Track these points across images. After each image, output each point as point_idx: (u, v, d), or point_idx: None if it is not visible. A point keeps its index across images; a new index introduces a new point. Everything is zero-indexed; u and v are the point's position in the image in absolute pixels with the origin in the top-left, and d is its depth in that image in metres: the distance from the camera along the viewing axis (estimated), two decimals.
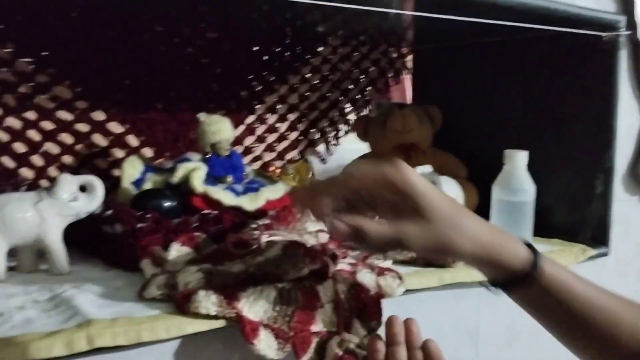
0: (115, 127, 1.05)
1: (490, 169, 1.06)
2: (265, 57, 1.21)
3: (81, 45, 1.01)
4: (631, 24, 1.03)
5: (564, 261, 0.99)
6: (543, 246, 1.04)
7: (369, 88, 1.37)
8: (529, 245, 0.60)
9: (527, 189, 1.02)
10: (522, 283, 0.59)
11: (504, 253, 0.58)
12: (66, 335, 0.55)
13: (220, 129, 0.96)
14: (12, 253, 0.75)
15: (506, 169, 1.03)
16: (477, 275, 0.87)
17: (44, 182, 0.99)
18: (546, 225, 1.11)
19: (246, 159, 1.21)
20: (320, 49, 1.28)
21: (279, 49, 1.23)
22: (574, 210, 1.10)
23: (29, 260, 0.76)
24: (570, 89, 1.08)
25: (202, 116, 0.97)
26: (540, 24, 0.99)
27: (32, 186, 0.97)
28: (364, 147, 1.30)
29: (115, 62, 1.05)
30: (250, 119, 1.21)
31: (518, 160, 1.02)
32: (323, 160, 1.33)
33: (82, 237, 0.84)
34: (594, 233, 1.08)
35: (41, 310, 0.63)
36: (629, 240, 1.14)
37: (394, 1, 0.89)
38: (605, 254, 1.07)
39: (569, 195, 1.10)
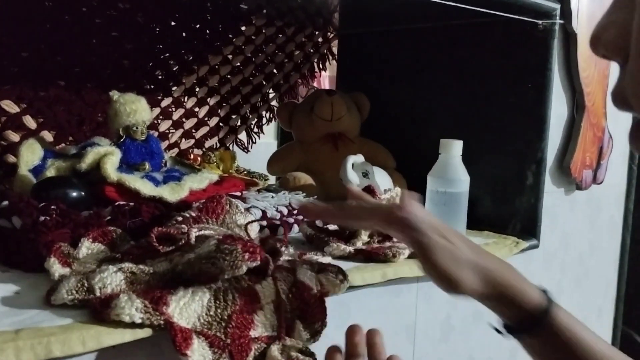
0: (10, 106, 0.91)
1: (420, 159, 1.02)
2: (184, 34, 1.11)
3: None
4: (565, 13, 1.03)
5: (499, 254, 0.97)
6: (476, 239, 1.02)
7: (294, 73, 1.29)
8: (544, 290, 0.59)
9: (462, 179, 0.99)
10: (534, 327, 0.57)
11: (518, 295, 0.57)
12: None
13: (136, 109, 0.85)
14: None
15: (441, 159, 1.00)
16: (417, 270, 0.83)
17: None
18: (476, 216, 1.09)
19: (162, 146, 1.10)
20: (243, 28, 1.19)
21: (199, 26, 1.13)
22: (505, 202, 1.09)
23: None
24: (503, 77, 1.06)
25: (114, 94, 0.86)
26: (476, 5, 0.95)
27: None
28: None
29: (11, 32, 0.90)
30: (166, 101, 1.10)
31: (454, 149, 0.99)
32: (245, 149, 1.25)
33: None
34: (524, 225, 1.07)
35: None
36: (555, 232, 1.15)
37: None
38: (535, 247, 1.06)
39: (500, 186, 1.08)
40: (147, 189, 0.80)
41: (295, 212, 0.96)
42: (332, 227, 0.90)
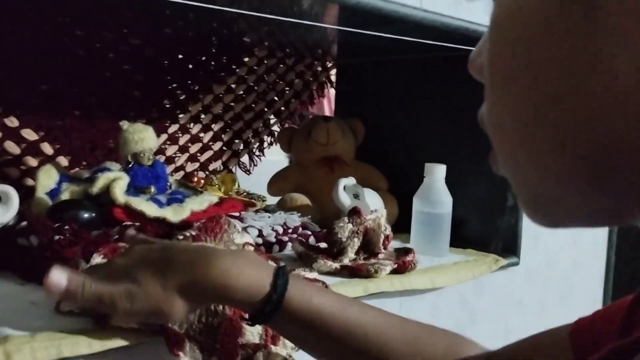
0: (29, 134, 1.01)
1: (411, 181, 1.10)
2: (190, 66, 1.20)
3: None
4: None
5: (479, 270, 1.04)
6: (458, 256, 1.09)
7: (294, 100, 1.38)
8: (278, 271, 0.58)
9: (445, 201, 1.06)
10: (269, 319, 0.57)
11: (239, 294, 0.56)
12: None
13: (143, 137, 0.94)
14: None
15: (426, 182, 1.07)
16: (399, 283, 0.91)
17: None
18: (461, 235, 1.16)
19: (168, 169, 1.18)
20: (246, 59, 1.28)
21: (204, 58, 1.22)
22: (487, 222, 1.15)
23: None
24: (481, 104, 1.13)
25: (124, 124, 0.95)
26: (459, 43, 1.03)
27: None
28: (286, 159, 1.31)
29: (31, 66, 1.00)
30: (173, 128, 1.19)
31: (437, 173, 1.06)
32: (247, 172, 1.33)
33: None
34: (505, 244, 1.14)
35: None
36: (538, 250, 1.21)
37: (318, 15, 0.91)
38: (516, 264, 1.13)
39: (483, 208, 1.15)
40: (152, 210, 0.88)
41: (289, 231, 1.04)
42: (322, 245, 0.98)
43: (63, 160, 1.05)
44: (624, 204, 0.27)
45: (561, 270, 1.29)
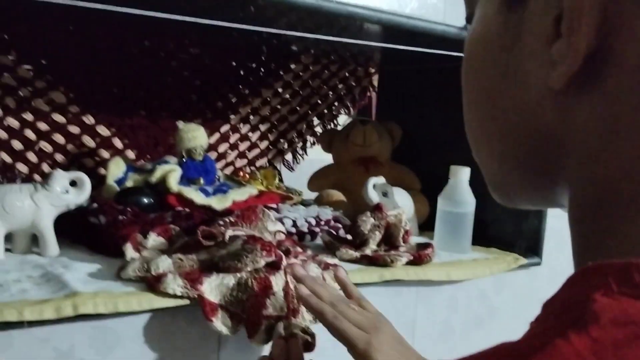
0: (103, 130, 1.17)
1: (443, 182, 1.19)
2: (242, 72, 1.34)
3: (76, 56, 1.13)
4: None
5: (497, 268, 1.13)
6: (479, 254, 1.18)
7: (337, 103, 1.50)
8: None
9: (468, 202, 1.16)
10: None
11: None
12: (55, 303, 0.68)
13: (196, 136, 1.09)
14: (7, 237, 0.87)
15: (450, 183, 1.17)
16: (414, 273, 1.01)
17: (37, 177, 1.10)
18: (487, 235, 1.24)
19: (219, 164, 1.33)
20: (292, 65, 1.41)
21: (255, 65, 1.36)
22: (512, 223, 1.23)
23: (23, 243, 0.88)
24: None
25: (180, 124, 1.10)
26: None
27: (27, 180, 1.09)
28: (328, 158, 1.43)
29: (106, 71, 1.17)
30: (225, 127, 1.34)
31: (461, 175, 1.16)
32: (290, 169, 1.46)
33: (70, 226, 0.96)
34: (529, 244, 1.21)
35: (34, 284, 0.75)
36: (563, 252, 1.28)
37: (362, 32, 1.02)
38: (538, 264, 1.20)
39: (508, 209, 1.23)
40: (199, 199, 1.02)
41: (322, 222, 1.16)
42: (349, 237, 1.10)
43: (130, 154, 1.22)
44: (553, 187, 0.34)
45: None
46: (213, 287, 0.79)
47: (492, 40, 0.34)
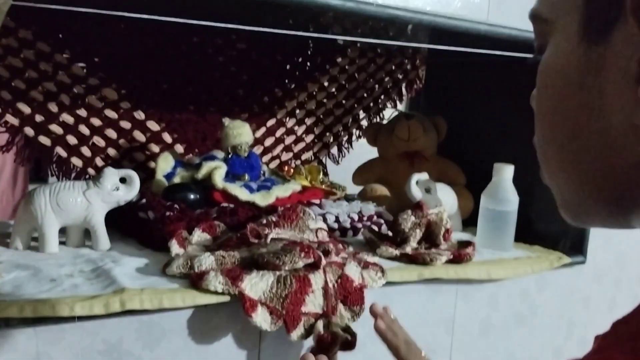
0: (153, 125, 1.21)
1: (489, 178, 1.18)
2: (288, 66, 1.35)
3: (127, 53, 1.17)
4: None
5: (539, 266, 1.11)
6: (522, 252, 1.16)
7: (383, 97, 1.50)
8: None
9: (511, 200, 1.14)
10: None
11: None
12: (104, 299, 0.72)
13: (241, 133, 1.11)
14: (62, 231, 0.92)
15: (494, 181, 1.16)
16: (454, 272, 1.01)
17: (91, 170, 1.15)
18: (531, 232, 1.23)
19: (265, 158, 1.36)
20: (339, 59, 1.41)
21: (301, 59, 1.37)
22: (557, 221, 1.21)
23: (76, 237, 0.93)
24: None
25: (226, 121, 1.12)
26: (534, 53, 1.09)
27: (81, 173, 1.15)
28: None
29: (156, 68, 1.20)
30: (271, 122, 1.36)
31: (505, 173, 1.15)
32: (336, 162, 1.47)
33: (121, 220, 1.01)
34: (573, 242, 1.19)
35: (86, 279, 0.79)
36: (608, 251, 1.25)
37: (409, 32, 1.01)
38: (582, 262, 1.18)
39: (552, 207, 1.21)
40: (244, 195, 1.05)
41: (364, 218, 1.17)
42: (384, 232, 1.11)
43: (179, 148, 1.25)
44: (630, 214, 0.36)
45: (636, 272, 1.31)
46: (253, 284, 0.82)
47: (571, 74, 0.35)
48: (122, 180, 0.94)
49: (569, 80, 0.35)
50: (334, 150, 1.48)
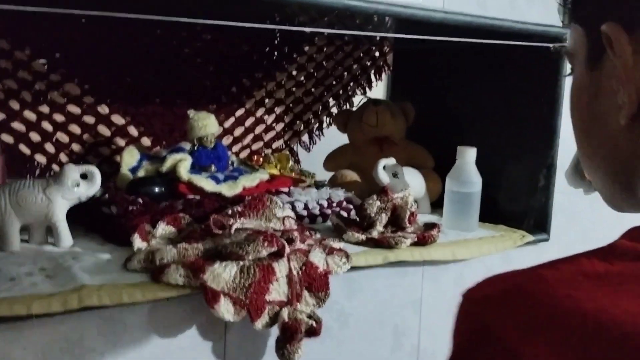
0: (118, 119, 1.21)
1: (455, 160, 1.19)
2: (255, 57, 1.35)
3: (89, 48, 1.16)
4: None
5: (502, 245, 1.13)
6: (487, 232, 1.18)
7: (352, 84, 1.50)
8: None
9: (474, 181, 1.16)
10: None
11: None
12: (62, 296, 0.72)
13: (206, 124, 1.11)
14: (25, 229, 0.92)
15: (458, 163, 1.17)
16: (419, 254, 1.02)
17: (55, 167, 1.15)
18: (496, 212, 1.24)
19: (236, 147, 1.36)
20: (306, 48, 1.41)
21: (268, 49, 1.37)
22: (521, 201, 1.23)
23: (38, 235, 0.93)
24: (520, 93, 1.20)
25: (191, 112, 1.12)
26: (495, 38, 1.10)
27: (45, 170, 1.14)
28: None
29: (119, 62, 1.20)
30: (240, 112, 1.35)
31: (468, 155, 1.16)
32: (307, 149, 1.48)
33: (85, 216, 1.01)
34: (537, 221, 1.21)
35: (45, 277, 0.79)
36: (572, 228, 1.27)
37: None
38: (545, 240, 1.20)
39: (516, 187, 1.23)
40: (210, 186, 1.05)
41: (334, 204, 1.18)
42: (352, 217, 1.11)
43: (147, 141, 1.25)
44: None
45: (601, 245, 1.33)
46: (216, 275, 0.82)
47: (583, 93, 0.46)
48: (84, 176, 0.93)
49: (581, 96, 0.46)
50: (305, 138, 1.48)
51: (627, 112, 0.42)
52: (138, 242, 0.89)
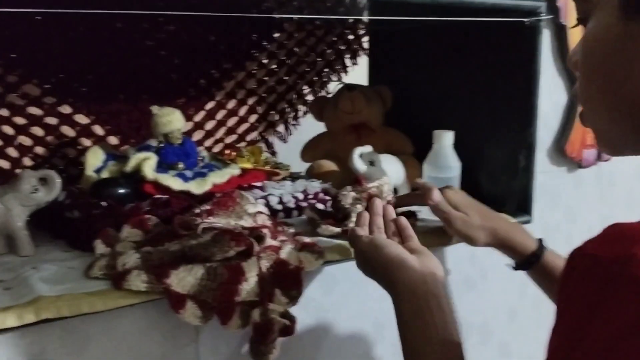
0: (82, 119, 1.17)
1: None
2: (222, 46, 1.31)
3: (46, 46, 1.11)
4: (553, 9, 1.11)
5: None
6: None
7: (326, 70, 1.46)
8: (540, 240, 0.92)
9: (452, 166, 1.12)
10: (530, 265, 0.91)
11: (517, 245, 0.91)
12: (17, 309, 0.68)
13: (171, 120, 1.07)
14: None
15: (435, 148, 1.14)
16: None
17: (19, 172, 1.10)
18: (478, 196, 1.20)
19: (208, 142, 1.32)
20: (276, 35, 1.37)
21: (236, 38, 1.32)
22: (502, 183, 1.20)
23: None
24: (496, 71, 1.17)
25: (154, 109, 1.08)
26: (469, 16, 1.07)
27: (9, 175, 1.10)
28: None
29: (79, 59, 1.15)
30: (210, 104, 1.31)
31: (445, 139, 1.12)
32: (283, 140, 1.44)
33: (50, 222, 0.97)
34: (519, 203, 1.18)
35: (3, 289, 0.75)
36: (555, 208, 1.24)
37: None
38: (528, 222, 1.17)
39: (496, 170, 1.20)
40: (177, 184, 1.01)
41: (310, 197, 1.14)
42: (328, 209, 1.08)
43: (114, 140, 1.21)
44: None
45: (587, 225, 1.31)
46: (181, 279, 0.79)
47: (613, 43, 0.46)
48: (44, 180, 0.90)
49: (611, 49, 0.47)
50: (281, 128, 1.44)
51: None
52: (100, 248, 0.86)
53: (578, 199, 1.28)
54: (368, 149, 1.19)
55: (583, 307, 0.39)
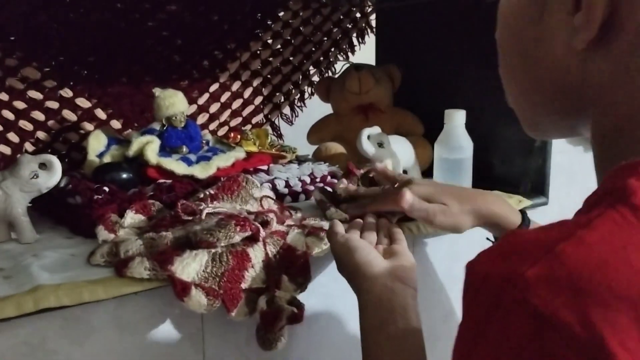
0: (83, 102, 1.14)
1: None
2: (226, 26, 1.27)
3: (46, 28, 1.08)
4: None
5: None
6: None
7: (333, 49, 1.42)
8: (523, 212, 0.85)
9: (464, 146, 1.09)
10: None
11: (501, 220, 0.83)
12: (16, 299, 0.66)
13: (173, 102, 1.04)
14: None
15: (446, 128, 1.10)
16: (406, 228, 0.96)
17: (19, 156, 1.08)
18: (492, 177, 1.18)
19: (213, 125, 1.29)
20: (280, 14, 1.33)
21: (239, 17, 1.29)
22: (517, 163, 1.16)
23: (0, 231, 0.87)
24: None
25: (156, 91, 1.05)
26: None
27: (10, 160, 1.08)
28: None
29: (79, 41, 1.12)
30: (214, 87, 1.28)
31: (456, 119, 1.09)
32: (290, 122, 1.41)
33: (52, 208, 0.95)
34: (534, 184, 1.14)
35: (3, 278, 0.73)
36: (572, 189, 1.21)
37: None
38: (544, 204, 1.14)
39: (511, 150, 1.16)
40: (181, 169, 0.99)
41: (317, 180, 1.12)
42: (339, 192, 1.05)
43: (117, 124, 1.18)
44: (577, 122, 0.46)
45: None
46: (185, 265, 0.76)
47: (523, 12, 0.44)
48: (44, 165, 0.87)
49: (521, 17, 0.44)
50: (287, 110, 1.41)
51: (587, 36, 0.39)
52: (103, 234, 0.83)
53: (595, 180, 1.24)
54: (376, 130, 1.16)
55: (473, 326, 0.36)
